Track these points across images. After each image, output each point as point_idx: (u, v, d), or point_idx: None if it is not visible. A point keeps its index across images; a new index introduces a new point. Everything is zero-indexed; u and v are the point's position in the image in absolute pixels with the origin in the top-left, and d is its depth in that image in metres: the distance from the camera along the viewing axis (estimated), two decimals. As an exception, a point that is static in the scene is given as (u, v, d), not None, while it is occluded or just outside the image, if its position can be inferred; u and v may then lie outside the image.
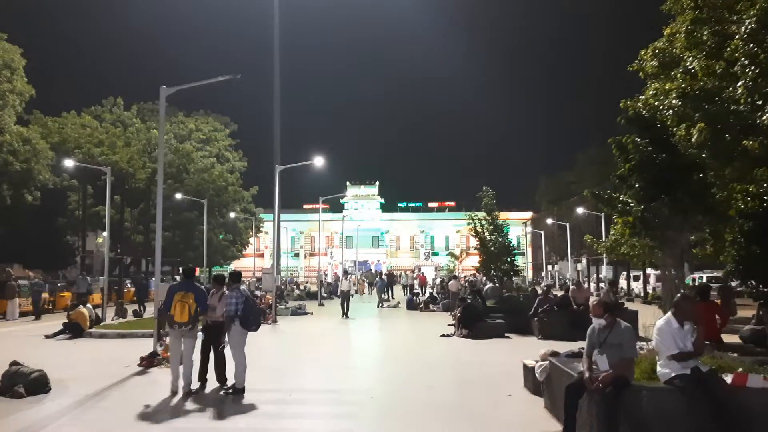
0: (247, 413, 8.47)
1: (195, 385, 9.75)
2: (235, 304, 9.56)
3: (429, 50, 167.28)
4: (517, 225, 73.68)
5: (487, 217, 27.17)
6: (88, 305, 19.23)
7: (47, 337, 17.23)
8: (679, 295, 7.02)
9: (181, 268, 12.14)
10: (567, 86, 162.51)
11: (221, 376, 10.04)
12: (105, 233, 25.09)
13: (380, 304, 32.48)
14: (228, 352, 9.80)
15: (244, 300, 9.66)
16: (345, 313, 25.46)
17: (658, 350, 6.49)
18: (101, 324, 19.92)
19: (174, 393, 9.50)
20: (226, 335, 9.68)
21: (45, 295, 28.84)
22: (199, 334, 10.18)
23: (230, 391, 9.53)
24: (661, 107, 13.51)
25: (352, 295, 29.42)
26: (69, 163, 33.79)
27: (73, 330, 17.38)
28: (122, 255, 45.21)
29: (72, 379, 10.62)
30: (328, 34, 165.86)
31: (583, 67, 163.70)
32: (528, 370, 9.42)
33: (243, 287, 10.01)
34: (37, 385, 9.56)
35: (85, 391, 9.71)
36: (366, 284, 50.32)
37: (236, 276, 10.26)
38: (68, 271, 48.12)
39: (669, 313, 6.60)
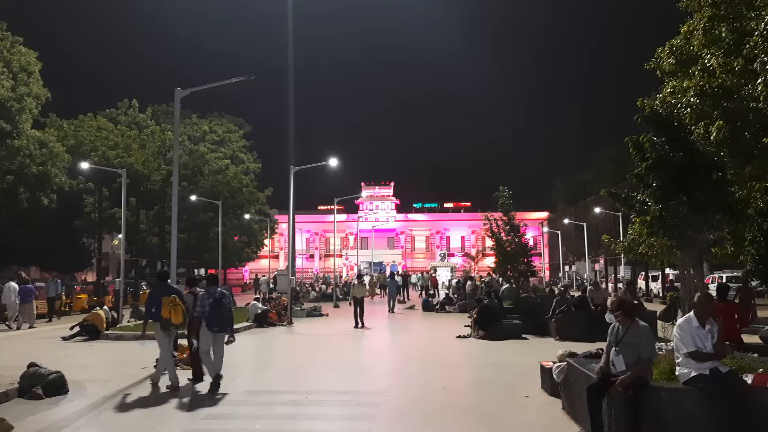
0: (264, 414, 8.48)
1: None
2: (201, 306, 9.94)
3: (445, 50, 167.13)
4: (534, 225, 73.38)
5: (504, 218, 27.00)
6: (105, 307, 19.35)
7: (64, 339, 17.35)
8: (700, 294, 6.93)
9: (156, 272, 12.97)
10: (584, 86, 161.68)
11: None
12: (121, 235, 25.27)
13: (392, 309, 29.64)
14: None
15: (212, 302, 9.88)
16: (359, 323, 21.72)
17: (677, 348, 6.43)
18: (117, 326, 20.03)
19: (175, 387, 10.07)
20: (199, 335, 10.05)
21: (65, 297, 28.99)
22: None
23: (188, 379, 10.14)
24: (678, 105, 13.35)
25: (366, 296, 28.67)
26: (85, 165, 34.00)
27: (90, 332, 17.49)
28: (138, 257, 45.49)
29: (89, 380, 10.69)
30: (344, 33, 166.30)
31: (599, 66, 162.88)
32: (545, 372, 9.35)
33: (220, 289, 10.47)
34: (54, 386, 9.64)
35: (102, 393, 9.77)
36: (378, 287, 47.14)
37: (212, 278, 10.82)
38: (85, 273, 48.54)
39: (691, 312, 6.54)
